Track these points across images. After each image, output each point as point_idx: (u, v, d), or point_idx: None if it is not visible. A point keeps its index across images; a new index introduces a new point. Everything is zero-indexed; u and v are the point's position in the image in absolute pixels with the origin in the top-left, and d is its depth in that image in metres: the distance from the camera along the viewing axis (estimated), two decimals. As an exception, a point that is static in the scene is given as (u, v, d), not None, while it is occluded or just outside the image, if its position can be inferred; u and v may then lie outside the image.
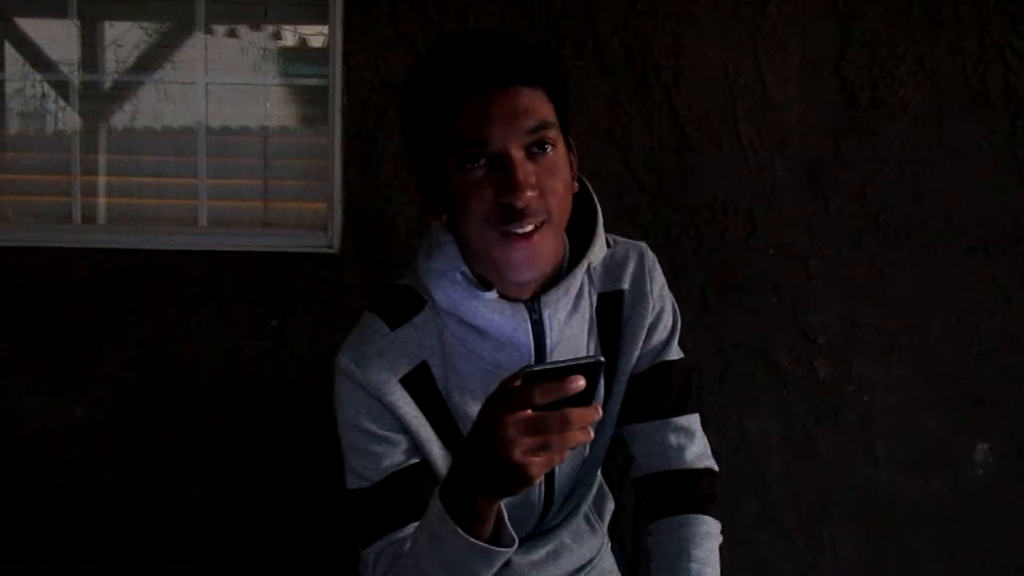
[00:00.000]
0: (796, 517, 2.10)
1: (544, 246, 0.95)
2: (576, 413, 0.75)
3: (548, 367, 0.76)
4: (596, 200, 1.06)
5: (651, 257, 1.15)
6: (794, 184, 2.02)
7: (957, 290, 2.04)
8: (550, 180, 0.94)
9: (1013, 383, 2.06)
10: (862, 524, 2.10)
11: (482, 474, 0.79)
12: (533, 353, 1.01)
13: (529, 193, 0.91)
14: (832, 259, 2.03)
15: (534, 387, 0.75)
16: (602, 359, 0.77)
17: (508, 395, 0.76)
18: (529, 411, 0.75)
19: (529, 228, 0.92)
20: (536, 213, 0.93)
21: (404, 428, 1.03)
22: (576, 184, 1.02)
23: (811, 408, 2.07)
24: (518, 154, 0.91)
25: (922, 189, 2.02)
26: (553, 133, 0.94)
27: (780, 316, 2.05)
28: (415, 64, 0.99)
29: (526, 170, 0.91)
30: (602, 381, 1.09)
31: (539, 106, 0.93)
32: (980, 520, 2.09)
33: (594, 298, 1.10)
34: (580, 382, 0.75)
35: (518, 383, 0.77)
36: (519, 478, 0.77)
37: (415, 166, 1.02)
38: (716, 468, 1.20)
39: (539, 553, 1.19)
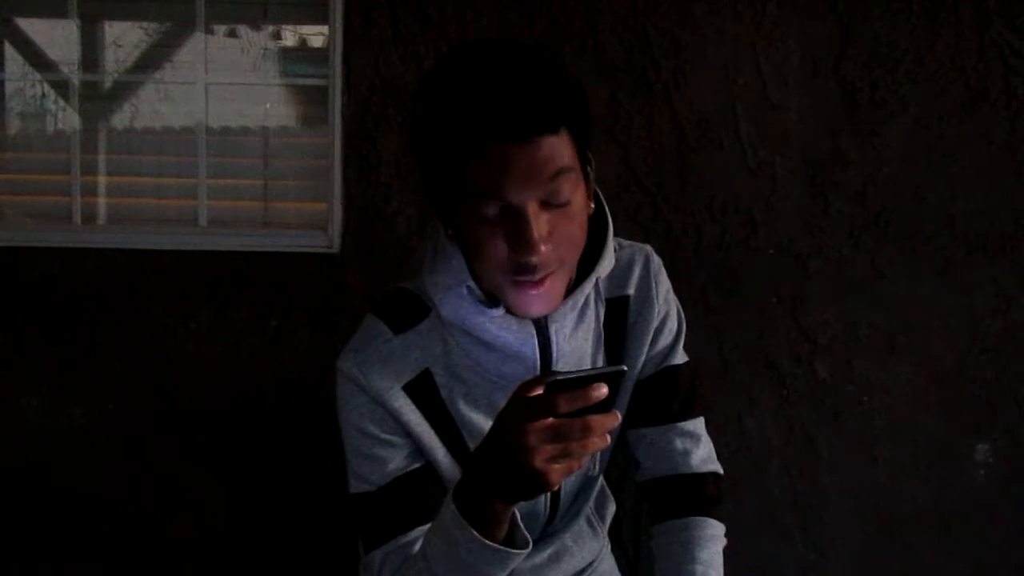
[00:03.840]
0: (796, 517, 2.10)
1: (554, 291, 0.94)
2: (596, 420, 0.75)
3: (572, 376, 0.75)
4: (608, 213, 1.04)
5: (656, 261, 1.14)
6: (794, 184, 2.02)
7: (957, 290, 2.04)
8: (566, 227, 0.91)
9: (1013, 383, 2.06)
10: (862, 524, 2.10)
11: (501, 480, 0.79)
12: (539, 366, 1.01)
13: (543, 248, 0.88)
14: (832, 259, 2.03)
15: (558, 396, 0.75)
16: (624, 368, 0.78)
17: (530, 403, 0.76)
18: (551, 419, 0.75)
19: (540, 276, 0.91)
20: (549, 264, 0.90)
21: (407, 433, 1.03)
22: (592, 205, 0.99)
23: (811, 408, 2.07)
24: (534, 207, 0.87)
25: (922, 189, 2.02)
26: (572, 177, 0.89)
27: (780, 316, 2.05)
28: (430, 83, 0.91)
29: (540, 225, 0.88)
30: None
31: (560, 153, 0.87)
32: (980, 520, 2.09)
33: (601, 308, 1.10)
34: (603, 390, 0.75)
35: (540, 391, 0.76)
36: (539, 484, 0.77)
37: (424, 183, 0.98)
38: (721, 471, 1.20)
39: (541, 556, 1.19)
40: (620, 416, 0.77)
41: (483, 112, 0.84)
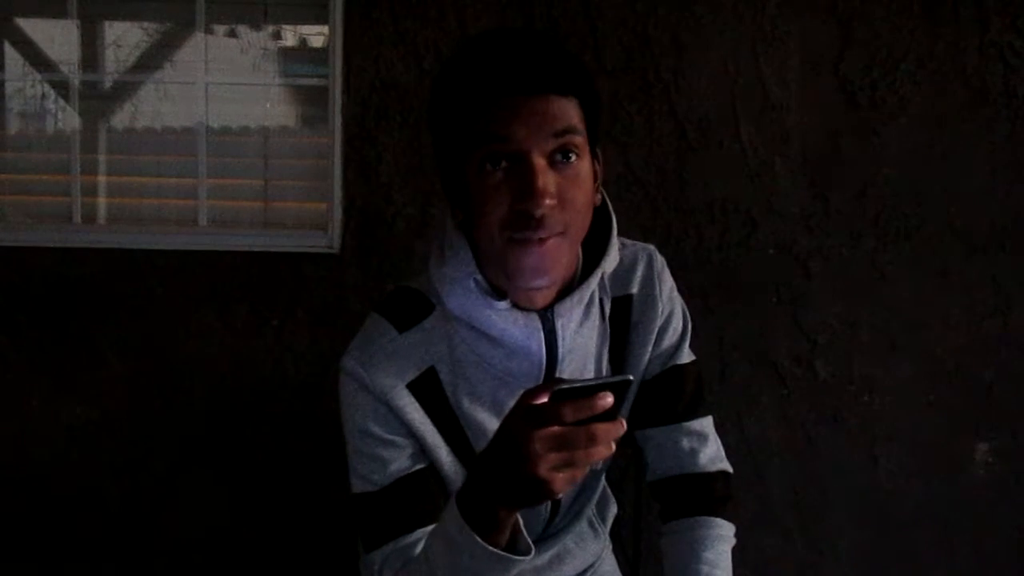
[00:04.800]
0: (796, 517, 2.10)
1: (557, 254, 0.93)
2: (602, 429, 0.75)
3: (578, 385, 0.75)
4: (611, 209, 1.05)
5: (660, 260, 1.14)
6: (794, 184, 2.02)
7: (957, 290, 2.04)
8: (571, 191, 0.91)
9: (1013, 383, 2.06)
10: (862, 524, 2.10)
11: (505, 487, 0.79)
12: (545, 362, 1.00)
13: (548, 201, 0.89)
14: (832, 259, 2.03)
15: (564, 405, 0.75)
16: (631, 378, 0.77)
17: (536, 411, 0.76)
18: (556, 427, 0.75)
19: (543, 235, 0.91)
20: (553, 224, 0.91)
21: (411, 433, 1.03)
22: (599, 197, 1.00)
23: (811, 408, 2.07)
24: (540, 160, 0.89)
25: (922, 189, 2.02)
26: (579, 140, 0.92)
27: (780, 316, 2.05)
28: (451, 56, 0.97)
29: (546, 178, 0.89)
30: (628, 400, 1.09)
31: (568, 113, 0.91)
32: (980, 520, 2.09)
33: (607, 305, 1.10)
34: (609, 399, 0.75)
35: (545, 399, 0.76)
36: (543, 492, 0.77)
37: (437, 161, 1.00)
38: (731, 470, 1.20)
39: (543, 558, 1.18)
40: (625, 424, 0.77)
41: (500, 67, 0.90)
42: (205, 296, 2.03)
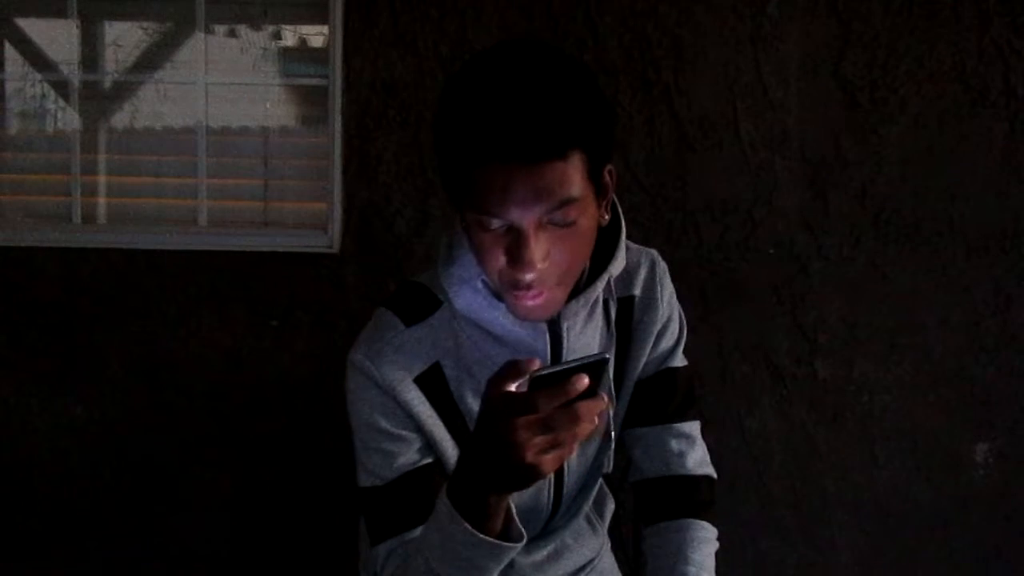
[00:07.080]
0: (796, 517, 2.10)
1: (553, 304, 0.94)
2: (584, 407, 0.75)
3: (554, 370, 0.75)
4: (621, 214, 1.05)
5: (662, 266, 1.16)
6: (794, 184, 2.02)
7: (957, 290, 2.04)
8: (567, 246, 0.90)
9: (1013, 383, 2.06)
10: (862, 524, 2.10)
11: (493, 475, 0.80)
12: (549, 363, 1.01)
13: (540, 266, 0.88)
14: (832, 259, 2.03)
15: (540, 394, 0.75)
16: (607, 356, 0.77)
17: (515, 400, 0.76)
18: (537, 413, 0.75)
19: (535, 293, 0.91)
20: (545, 281, 0.90)
21: (418, 427, 1.03)
22: (607, 216, 0.98)
23: (811, 408, 2.07)
24: (534, 227, 0.87)
25: (922, 189, 2.02)
26: (577, 206, 0.87)
27: (780, 316, 2.05)
28: (451, 83, 0.89)
29: (539, 244, 0.87)
30: (610, 378, 1.10)
31: (567, 179, 0.85)
32: (980, 520, 2.09)
33: (613, 306, 1.10)
34: (584, 381, 0.75)
35: (523, 387, 0.76)
36: (532, 477, 0.77)
37: (441, 177, 0.97)
38: (715, 475, 1.21)
39: (541, 554, 1.19)
40: (607, 399, 0.77)
41: (491, 130, 0.82)
42: (205, 296, 2.03)
